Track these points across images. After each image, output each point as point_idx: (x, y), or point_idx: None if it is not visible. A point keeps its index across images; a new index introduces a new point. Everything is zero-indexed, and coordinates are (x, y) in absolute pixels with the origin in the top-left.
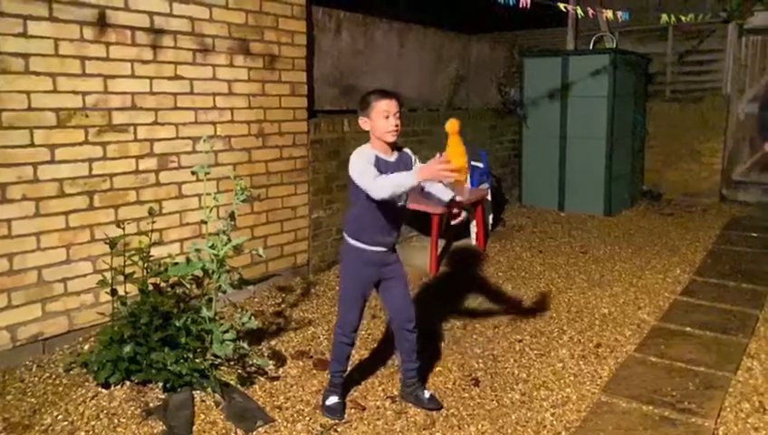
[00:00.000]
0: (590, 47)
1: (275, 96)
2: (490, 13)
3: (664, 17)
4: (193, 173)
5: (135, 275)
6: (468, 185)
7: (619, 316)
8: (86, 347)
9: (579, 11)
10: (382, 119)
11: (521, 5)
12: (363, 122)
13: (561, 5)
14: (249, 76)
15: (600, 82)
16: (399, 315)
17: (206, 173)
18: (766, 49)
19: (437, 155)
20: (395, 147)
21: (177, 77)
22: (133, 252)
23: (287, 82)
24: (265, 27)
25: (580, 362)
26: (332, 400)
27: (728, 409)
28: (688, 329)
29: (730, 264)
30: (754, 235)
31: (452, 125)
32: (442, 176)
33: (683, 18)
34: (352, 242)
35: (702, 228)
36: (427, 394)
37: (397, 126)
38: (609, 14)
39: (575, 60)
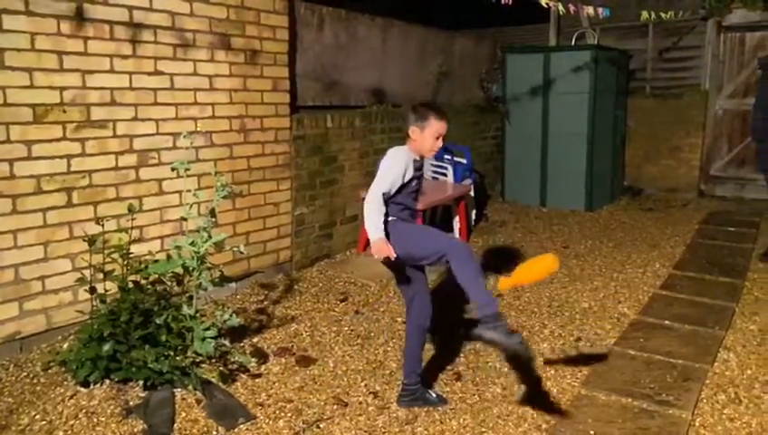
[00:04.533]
0: (572, 43)
1: (257, 91)
2: (473, 9)
3: (644, 14)
4: (173, 169)
5: (115, 273)
6: (451, 180)
7: (599, 310)
8: (65, 346)
9: (560, 7)
10: (433, 138)
11: (503, 2)
12: (413, 131)
13: (543, 2)
14: (230, 71)
15: (582, 79)
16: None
17: (187, 169)
18: (744, 46)
19: None
20: None
21: (157, 72)
22: (113, 249)
23: (269, 78)
24: (247, 22)
25: (561, 356)
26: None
27: (705, 400)
28: (667, 322)
29: (708, 258)
30: (731, 229)
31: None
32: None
33: (663, 15)
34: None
35: (681, 223)
36: (434, 394)
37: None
38: (590, 10)
39: (557, 56)
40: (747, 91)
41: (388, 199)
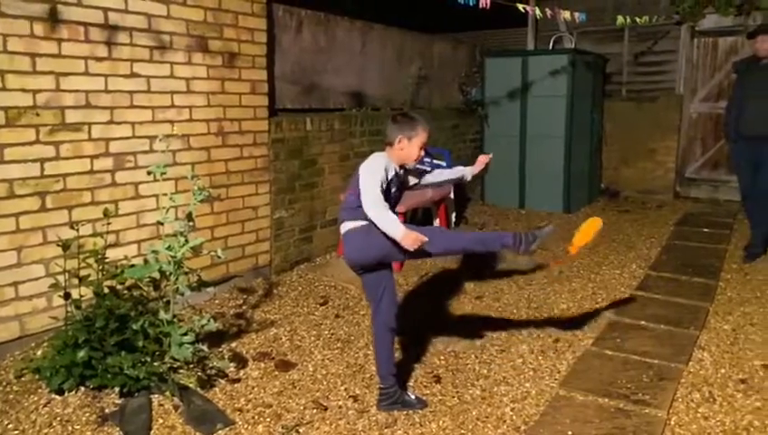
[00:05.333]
0: (550, 47)
1: (235, 94)
2: (452, 13)
3: (620, 19)
4: (149, 173)
5: (90, 278)
6: None
7: (577, 311)
8: (38, 353)
9: (537, 12)
10: (417, 148)
11: (481, 6)
12: (401, 141)
13: (520, 6)
14: (208, 74)
15: (559, 82)
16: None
17: (163, 173)
18: (716, 51)
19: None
20: None
21: (133, 75)
22: (88, 254)
23: (247, 80)
24: (225, 24)
25: (540, 357)
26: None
27: (680, 399)
28: (643, 322)
29: (683, 259)
30: (706, 230)
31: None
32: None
33: (638, 20)
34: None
35: (657, 224)
36: (412, 395)
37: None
38: (566, 14)
39: (535, 60)
40: (720, 94)
41: (360, 205)
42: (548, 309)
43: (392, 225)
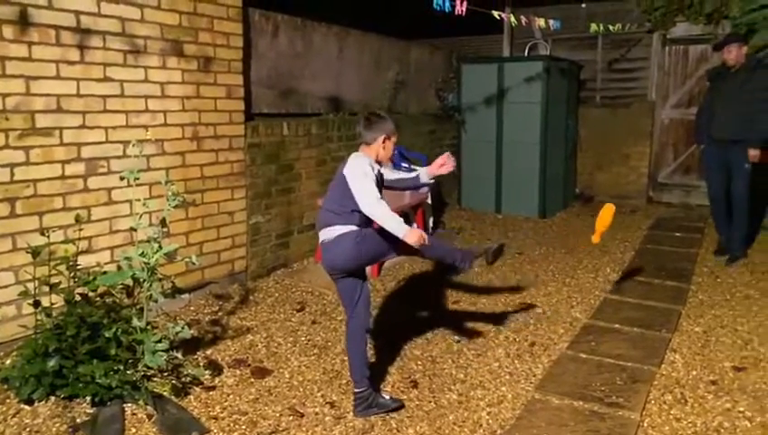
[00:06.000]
0: (525, 54)
1: (210, 99)
2: (429, 19)
3: (593, 27)
4: (122, 178)
5: (61, 286)
6: None
7: (552, 315)
8: (7, 362)
9: (512, 19)
10: (392, 146)
11: (456, 13)
12: (384, 140)
13: (495, 13)
14: (183, 78)
15: (535, 88)
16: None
17: (136, 178)
18: (687, 58)
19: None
20: None
21: (106, 79)
22: (59, 261)
23: (223, 85)
24: (200, 29)
25: (516, 361)
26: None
27: (653, 401)
28: (617, 326)
29: (656, 262)
30: (678, 234)
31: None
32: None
33: (611, 27)
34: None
35: (630, 229)
36: (387, 396)
37: None
38: (541, 22)
39: (510, 66)
40: (691, 101)
41: (353, 209)
42: (524, 313)
43: (397, 222)
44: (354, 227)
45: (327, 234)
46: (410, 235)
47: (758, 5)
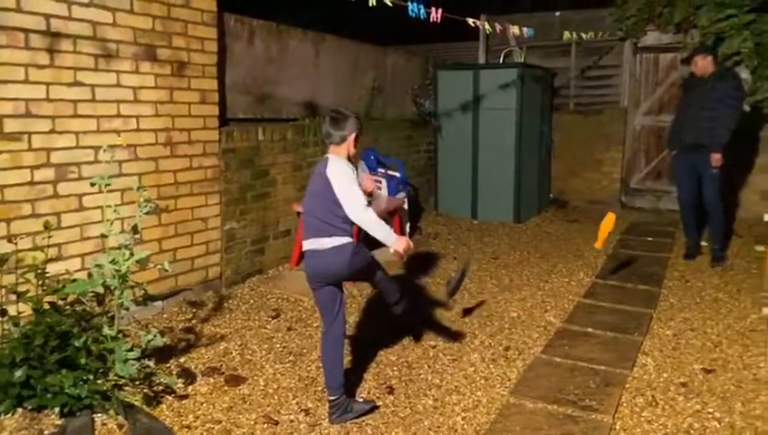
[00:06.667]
0: (500, 61)
1: (184, 104)
2: (404, 25)
3: (566, 34)
4: (93, 184)
5: (29, 294)
6: (385, 194)
7: (527, 319)
8: None
9: (486, 26)
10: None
11: (431, 20)
12: (354, 137)
13: (470, 21)
14: (156, 83)
15: (509, 95)
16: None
17: (107, 184)
18: (657, 66)
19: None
20: None
21: (77, 83)
22: (27, 269)
23: (197, 90)
24: (174, 33)
25: (491, 366)
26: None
27: (625, 404)
28: (590, 329)
29: (628, 267)
30: (649, 239)
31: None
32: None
33: (583, 35)
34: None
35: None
36: (360, 400)
37: None
38: (515, 30)
39: (485, 73)
40: (662, 108)
41: (340, 214)
42: (499, 317)
43: (386, 231)
44: (350, 239)
45: (318, 243)
46: (399, 243)
47: (725, 15)
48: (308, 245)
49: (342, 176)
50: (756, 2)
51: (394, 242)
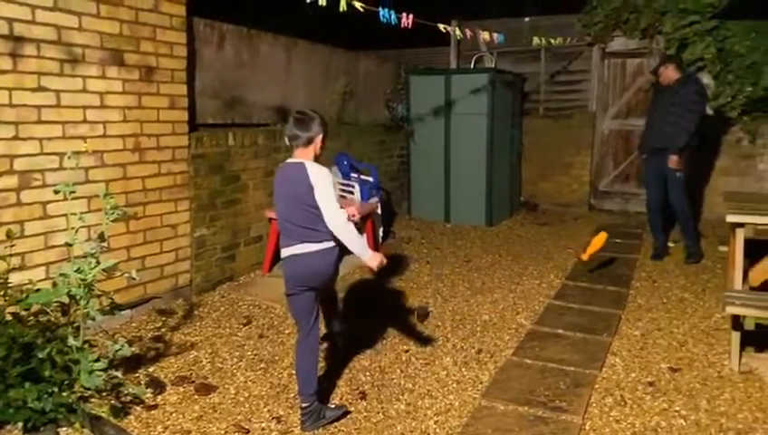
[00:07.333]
0: (471, 66)
1: (153, 109)
2: (376, 30)
3: (536, 40)
4: (57, 192)
5: None
6: (358, 198)
7: (498, 322)
8: None
9: (457, 32)
10: None
11: (402, 26)
12: (321, 138)
13: (441, 26)
14: (124, 88)
15: (480, 100)
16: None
17: (72, 192)
18: (625, 70)
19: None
20: None
21: (41, 88)
22: None
23: (166, 95)
24: (142, 38)
25: (463, 369)
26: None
27: (594, 404)
28: (560, 331)
29: (597, 268)
30: (618, 241)
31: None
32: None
33: (552, 41)
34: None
35: (573, 236)
36: (332, 406)
37: None
38: (485, 35)
39: (457, 78)
40: (629, 112)
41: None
42: (471, 320)
43: (363, 245)
44: (334, 243)
45: (304, 248)
46: (372, 259)
47: (689, 22)
48: (291, 250)
49: (327, 185)
50: (718, 9)
51: (369, 258)
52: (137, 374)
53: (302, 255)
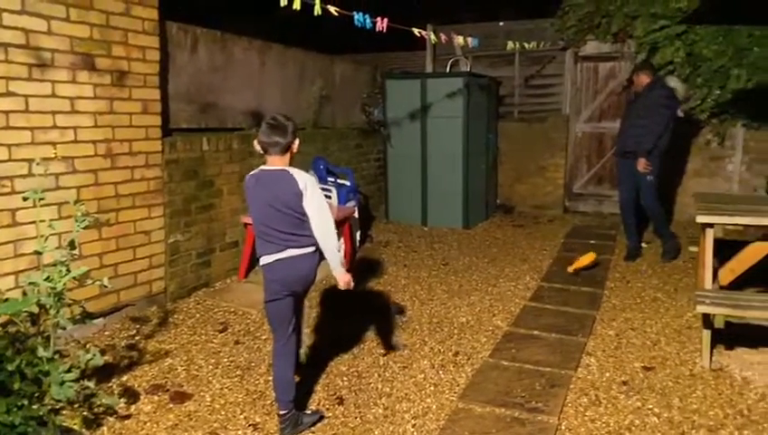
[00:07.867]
0: (447, 70)
1: (125, 114)
2: (351, 33)
3: (510, 44)
4: (25, 199)
5: None
6: (335, 203)
7: (475, 324)
8: None
9: (432, 36)
10: None
11: (377, 30)
12: (295, 146)
13: (416, 31)
14: (95, 93)
15: (456, 103)
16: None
17: (41, 199)
18: (597, 74)
19: None
20: None
21: (9, 93)
22: None
23: (138, 100)
24: (113, 42)
25: (440, 372)
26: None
27: (570, 404)
28: (536, 332)
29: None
30: (592, 242)
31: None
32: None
33: (526, 45)
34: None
35: (548, 238)
36: (309, 412)
37: None
38: (460, 39)
39: (433, 82)
40: (602, 115)
41: (309, 225)
42: (448, 323)
43: (341, 259)
44: (314, 247)
45: (288, 253)
46: (343, 276)
47: (659, 26)
48: (276, 256)
49: (317, 191)
50: (687, 13)
51: (341, 273)
52: (110, 384)
53: (289, 259)
